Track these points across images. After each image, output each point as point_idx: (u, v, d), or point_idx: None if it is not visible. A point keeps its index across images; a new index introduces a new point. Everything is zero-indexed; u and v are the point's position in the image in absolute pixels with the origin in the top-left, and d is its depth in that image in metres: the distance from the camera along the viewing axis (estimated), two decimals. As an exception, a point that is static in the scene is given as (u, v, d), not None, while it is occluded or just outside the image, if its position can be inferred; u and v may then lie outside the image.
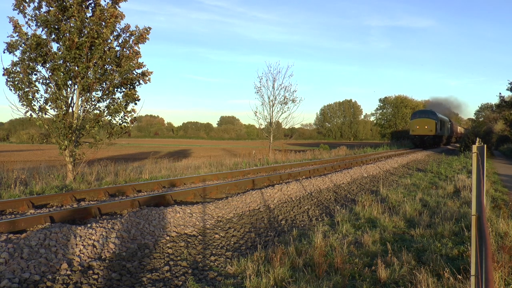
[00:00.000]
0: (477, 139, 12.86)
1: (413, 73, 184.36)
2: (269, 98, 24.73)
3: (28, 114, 10.65)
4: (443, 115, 50.42)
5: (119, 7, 11.25)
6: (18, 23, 10.35)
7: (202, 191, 9.28)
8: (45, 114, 10.77)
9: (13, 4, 10.36)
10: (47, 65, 10.54)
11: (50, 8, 10.46)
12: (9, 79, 10.31)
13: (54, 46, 10.69)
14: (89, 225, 5.55)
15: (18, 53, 10.38)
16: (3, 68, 10.30)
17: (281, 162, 19.22)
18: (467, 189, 10.39)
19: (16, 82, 10.34)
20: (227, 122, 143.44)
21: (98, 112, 11.32)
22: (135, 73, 11.63)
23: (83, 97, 11.00)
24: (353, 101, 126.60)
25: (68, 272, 4.50)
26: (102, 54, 10.72)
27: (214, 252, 5.70)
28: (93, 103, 11.21)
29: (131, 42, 11.54)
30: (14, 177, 10.30)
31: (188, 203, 7.99)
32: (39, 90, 10.62)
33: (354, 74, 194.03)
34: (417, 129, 39.63)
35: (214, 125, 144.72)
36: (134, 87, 11.73)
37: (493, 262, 4.30)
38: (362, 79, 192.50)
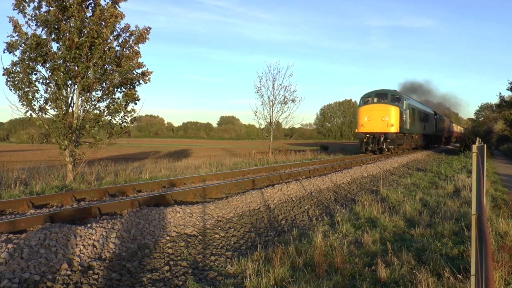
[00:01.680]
0: (477, 138, 12.87)
1: (413, 73, 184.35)
2: (269, 98, 24.79)
3: (28, 114, 10.65)
4: (423, 104, 36.22)
5: (119, 7, 11.25)
6: (18, 23, 10.35)
7: (202, 191, 9.28)
8: (45, 114, 10.77)
9: (13, 4, 10.36)
10: (47, 65, 10.53)
11: (50, 8, 10.46)
12: (9, 79, 10.31)
13: (54, 46, 10.69)
14: (89, 225, 5.54)
15: (18, 53, 10.38)
16: (3, 68, 10.30)
17: (281, 162, 19.22)
18: (467, 189, 10.38)
19: (16, 82, 10.33)
20: (227, 122, 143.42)
21: (98, 112, 11.32)
22: (135, 73, 11.63)
23: (83, 97, 10.99)
24: (353, 101, 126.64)
25: (68, 272, 4.49)
26: (102, 54, 10.71)
27: (214, 252, 5.70)
28: (93, 103, 11.21)
29: (131, 42, 11.54)
30: (14, 177, 10.29)
31: (188, 203, 7.98)
32: (39, 90, 10.62)
33: (354, 74, 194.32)
34: (367, 122, 23.42)
35: (214, 125, 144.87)
36: (134, 87, 11.73)
37: (493, 262, 4.30)
38: (362, 79, 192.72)
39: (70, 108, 10.89)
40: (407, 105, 24.94)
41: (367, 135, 23.52)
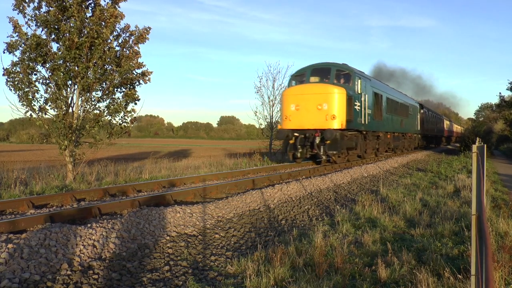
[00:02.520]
0: (477, 138, 12.88)
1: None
2: (269, 98, 24.72)
3: (28, 114, 10.66)
4: (400, 92, 25.80)
5: (119, 7, 11.26)
6: (18, 23, 10.35)
7: (202, 191, 9.28)
8: (45, 114, 10.77)
9: (13, 4, 10.36)
10: (47, 65, 10.54)
11: (50, 8, 10.46)
12: (9, 79, 10.32)
13: (54, 46, 10.70)
14: (89, 225, 5.54)
15: (18, 53, 10.39)
16: (3, 68, 10.31)
17: (281, 162, 19.21)
18: (467, 189, 10.38)
19: (16, 82, 10.34)
20: (227, 122, 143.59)
21: (98, 112, 11.33)
22: (135, 73, 11.64)
23: (83, 97, 11.00)
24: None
25: (68, 272, 4.49)
26: (102, 54, 10.71)
27: (214, 252, 5.70)
28: (93, 103, 11.21)
29: (131, 42, 11.55)
30: (14, 177, 10.30)
31: (188, 203, 7.98)
32: (39, 90, 10.63)
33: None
34: (294, 113, 15.05)
35: (214, 125, 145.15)
36: (134, 87, 11.74)
37: (493, 262, 4.30)
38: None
39: (70, 108, 10.90)
40: (363, 87, 16.13)
41: (295, 134, 15.07)
